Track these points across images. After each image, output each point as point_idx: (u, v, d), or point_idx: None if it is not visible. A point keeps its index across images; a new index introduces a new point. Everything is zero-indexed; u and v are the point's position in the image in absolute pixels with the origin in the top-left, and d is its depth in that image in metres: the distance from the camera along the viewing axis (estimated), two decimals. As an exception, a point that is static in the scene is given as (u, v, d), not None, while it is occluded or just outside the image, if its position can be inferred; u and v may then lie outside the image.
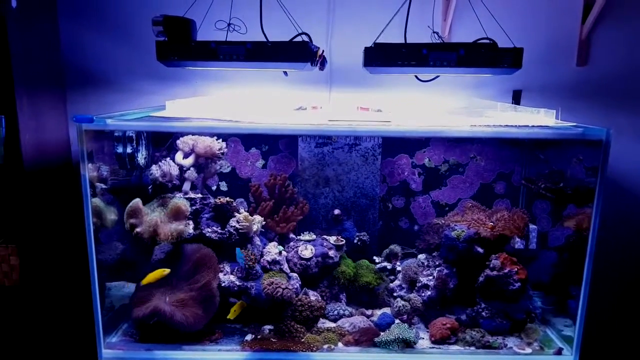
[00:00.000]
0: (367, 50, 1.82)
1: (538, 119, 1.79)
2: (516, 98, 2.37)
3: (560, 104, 2.38)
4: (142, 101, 2.35)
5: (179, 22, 1.90)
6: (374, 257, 2.16)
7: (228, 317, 1.79)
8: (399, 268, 2.10)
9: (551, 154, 2.14)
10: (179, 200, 1.88)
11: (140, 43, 2.25)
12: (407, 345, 1.80)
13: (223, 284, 1.85)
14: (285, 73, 2.13)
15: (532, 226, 2.11)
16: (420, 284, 1.97)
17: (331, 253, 2.03)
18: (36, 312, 2.09)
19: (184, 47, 1.85)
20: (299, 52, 1.80)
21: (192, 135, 2.03)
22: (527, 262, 2.12)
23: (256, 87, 2.32)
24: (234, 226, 1.92)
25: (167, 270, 1.78)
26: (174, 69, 2.23)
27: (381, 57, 1.81)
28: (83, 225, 1.70)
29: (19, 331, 2.04)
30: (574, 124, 1.70)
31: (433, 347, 1.82)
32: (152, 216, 1.83)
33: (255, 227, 1.95)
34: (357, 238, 2.17)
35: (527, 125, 1.65)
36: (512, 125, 1.67)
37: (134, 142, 1.96)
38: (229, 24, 2.03)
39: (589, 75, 2.32)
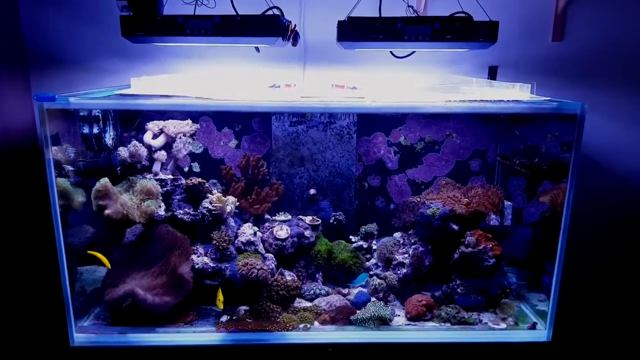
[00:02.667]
0: (340, 25, 1.77)
1: (513, 94, 1.78)
2: (492, 74, 2.36)
3: (536, 80, 2.36)
4: (110, 80, 2.26)
5: (144, -4, 1.82)
6: (350, 237, 2.15)
7: (218, 307, 1.76)
8: (375, 247, 2.10)
9: (526, 130, 2.15)
10: (148, 182, 1.83)
11: (106, 20, 2.15)
12: (383, 322, 1.80)
13: (197, 266, 1.81)
14: (257, 49, 2.07)
15: (507, 203, 2.12)
16: (396, 262, 1.97)
17: (307, 233, 2.01)
18: (6, 299, 2.03)
19: (149, 22, 1.77)
20: (270, 26, 1.74)
21: (160, 113, 1.97)
22: (503, 239, 2.13)
23: (228, 65, 2.26)
24: (207, 207, 1.88)
25: (108, 265, 1.75)
26: (142, 47, 2.16)
27: (355, 31, 1.77)
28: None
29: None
30: (549, 98, 1.69)
31: (409, 324, 1.83)
32: (122, 198, 1.78)
33: (229, 208, 1.91)
34: (333, 218, 2.15)
35: (502, 100, 1.64)
36: (487, 100, 1.65)
37: (101, 122, 1.89)
38: (196, -1, 1.95)
39: (564, 50, 2.32)
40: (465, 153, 2.28)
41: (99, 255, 1.74)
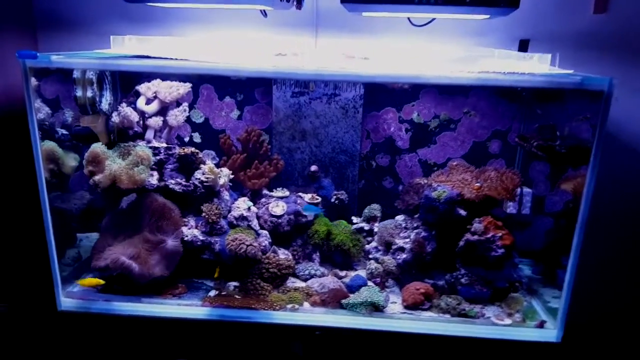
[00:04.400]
0: (344, -15, 1.63)
1: (531, 66, 1.59)
2: (523, 48, 2.14)
3: (575, 56, 2.15)
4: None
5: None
6: (352, 217, 2.04)
7: (214, 276, 1.74)
8: (377, 229, 1.97)
9: (553, 109, 1.94)
10: (139, 149, 1.77)
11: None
12: (375, 309, 1.69)
13: (186, 238, 1.76)
14: (264, 13, 1.95)
15: (526, 189, 1.94)
16: (395, 247, 1.85)
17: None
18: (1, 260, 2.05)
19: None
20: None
21: (154, 79, 1.89)
22: (519, 228, 1.97)
23: (235, 30, 2.14)
24: (199, 178, 1.81)
25: (102, 282, 1.73)
26: (151, 11, 2.08)
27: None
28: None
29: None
30: (571, 71, 1.49)
31: (404, 313, 1.71)
32: (111, 164, 1.73)
33: (222, 181, 1.84)
34: (335, 196, 2.04)
35: (516, 72, 1.46)
36: (497, 72, 1.47)
37: (95, 85, 1.83)
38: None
39: (607, 24, 2.06)
40: (484, 133, 2.10)
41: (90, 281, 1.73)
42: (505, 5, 1.58)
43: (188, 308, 1.69)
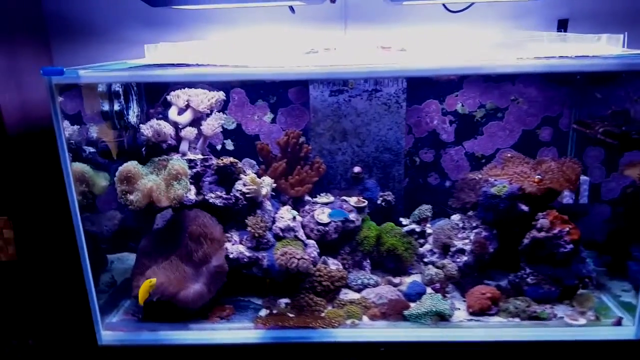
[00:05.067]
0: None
1: (599, 48, 1.46)
2: (562, 28, 2.02)
3: (613, 33, 2.03)
4: (136, 51, 2.08)
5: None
6: (401, 219, 1.92)
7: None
8: (429, 230, 1.86)
9: (608, 92, 1.81)
10: (175, 163, 1.65)
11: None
12: (441, 318, 1.58)
13: (231, 255, 1.64)
14: (292, 9, 1.83)
15: (583, 177, 1.82)
16: (454, 249, 1.73)
17: (352, 216, 1.79)
18: (35, 289, 1.94)
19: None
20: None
21: (184, 87, 1.77)
22: (577, 219, 1.85)
23: (260, 30, 2.01)
24: (241, 190, 1.69)
25: (154, 280, 1.55)
26: (168, 15, 1.95)
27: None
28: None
29: (16, 309, 1.90)
30: (647, 51, 1.37)
31: (471, 320, 1.60)
32: (146, 182, 1.61)
33: (264, 191, 1.72)
34: (381, 198, 1.92)
35: (587, 56, 1.33)
36: (567, 57, 1.35)
37: (122, 97, 1.71)
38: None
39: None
40: (533, 121, 1.97)
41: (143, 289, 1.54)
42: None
43: (240, 332, 1.58)
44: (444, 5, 1.83)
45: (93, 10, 2.06)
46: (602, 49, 1.43)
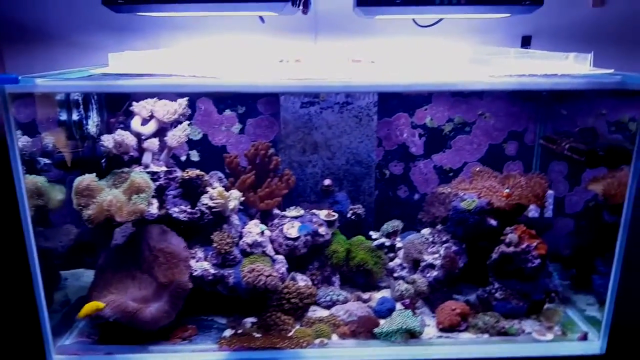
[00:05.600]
0: (360, -14, 1.49)
1: (567, 66, 1.49)
2: (526, 44, 2.07)
3: (575, 50, 2.09)
4: (97, 57, 1.98)
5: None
6: (371, 232, 1.90)
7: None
8: (399, 245, 1.84)
9: (573, 108, 1.86)
10: (137, 176, 1.57)
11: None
12: (411, 335, 1.56)
13: (195, 273, 1.57)
14: (262, 19, 1.79)
15: (548, 192, 1.85)
16: (424, 264, 1.72)
17: (321, 230, 1.76)
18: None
19: (132, -14, 1.50)
20: (276, -11, 1.46)
21: (148, 98, 1.70)
22: (543, 233, 1.88)
23: (230, 38, 1.96)
24: (207, 204, 1.62)
25: (102, 305, 1.47)
26: (133, 20, 1.87)
27: (376, -7, 1.48)
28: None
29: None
30: (611, 71, 1.40)
31: (441, 336, 1.58)
32: (105, 195, 1.53)
33: (232, 205, 1.66)
34: (351, 211, 1.89)
35: (556, 74, 1.35)
36: (537, 75, 1.36)
37: (81, 107, 1.63)
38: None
39: (606, 16, 2.02)
40: (499, 135, 2.00)
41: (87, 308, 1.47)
42: (530, 3, 1.48)
43: (202, 354, 1.50)
44: (413, 20, 1.84)
45: (52, 15, 1.96)
46: (570, 67, 1.45)
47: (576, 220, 2.05)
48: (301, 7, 1.66)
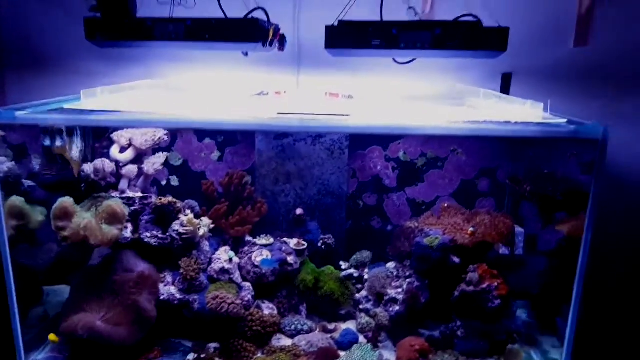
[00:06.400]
0: (329, 30, 1.56)
1: (524, 112, 1.53)
2: (506, 82, 2.09)
3: (556, 89, 2.12)
4: (92, 83, 2.08)
5: (114, -6, 1.64)
6: (340, 263, 1.94)
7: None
8: (366, 276, 1.88)
9: (541, 151, 1.89)
10: (113, 202, 1.65)
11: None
12: (368, 369, 1.59)
13: (162, 297, 1.64)
14: (245, 53, 1.87)
15: (518, 229, 1.88)
16: (387, 297, 1.75)
17: (290, 259, 1.81)
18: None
19: (115, 26, 1.60)
20: (248, 31, 1.54)
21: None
22: (513, 270, 1.89)
23: (215, 68, 2.06)
24: (177, 230, 1.69)
25: (57, 339, 1.60)
26: (126, 49, 1.98)
27: (345, 37, 1.55)
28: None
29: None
30: (565, 120, 1.43)
31: (399, 372, 1.61)
32: (82, 219, 1.60)
33: (202, 232, 1.73)
34: (322, 241, 1.94)
35: (509, 122, 1.39)
36: (492, 122, 1.41)
37: (65, 133, 1.72)
38: (172, -3, 1.76)
39: (588, 56, 2.04)
40: (471, 171, 2.03)
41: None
42: (493, 48, 1.53)
43: (166, 376, 1.56)
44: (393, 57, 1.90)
45: (52, 40, 2.08)
46: (526, 112, 1.49)
47: (549, 258, 2.06)
48: (276, 46, 1.73)
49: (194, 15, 1.70)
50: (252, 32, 1.53)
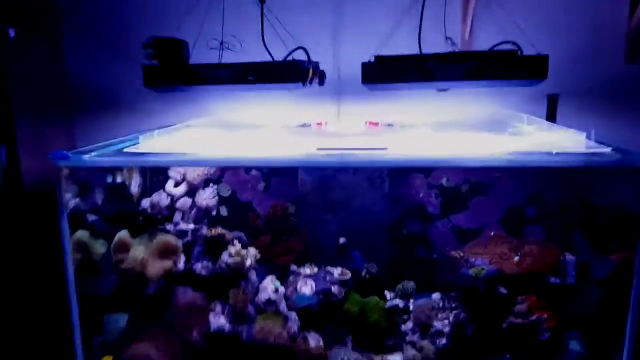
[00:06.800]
0: (365, 66, 1.61)
1: (567, 138, 1.50)
2: (552, 103, 2.05)
3: (606, 108, 2.05)
4: (153, 122, 2.26)
5: (169, 43, 1.79)
6: (385, 292, 1.94)
7: None
8: (412, 307, 1.87)
9: (588, 178, 1.82)
10: (166, 235, 1.76)
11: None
12: (415, 402, 1.58)
13: (212, 327, 1.71)
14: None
15: (569, 257, 1.80)
16: (433, 330, 1.74)
17: (334, 289, 1.84)
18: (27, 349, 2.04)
19: (170, 73, 1.74)
20: (288, 73, 1.63)
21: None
22: (564, 299, 1.82)
23: (262, 104, 2.17)
24: (226, 261, 1.78)
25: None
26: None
27: (381, 72, 1.60)
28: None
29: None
30: (609, 148, 1.39)
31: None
32: (138, 252, 1.73)
33: (249, 262, 1.80)
34: (365, 270, 1.96)
35: (550, 153, 1.37)
36: (531, 153, 1.39)
37: (124, 170, 1.86)
38: (221, 43, 1.89)
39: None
40: (518, 197, 1.99)
41: None
42: (532, 77, 1.52)
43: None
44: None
45: (115, 83, 2.28)
46: (569, 139, 1.46)
47: (601, 288, 1.96)
48: (316, 82, 1.80)
49: (241, 57, 1.82)
50: (292, 73, 1.61)
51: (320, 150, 1.49)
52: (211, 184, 1.96)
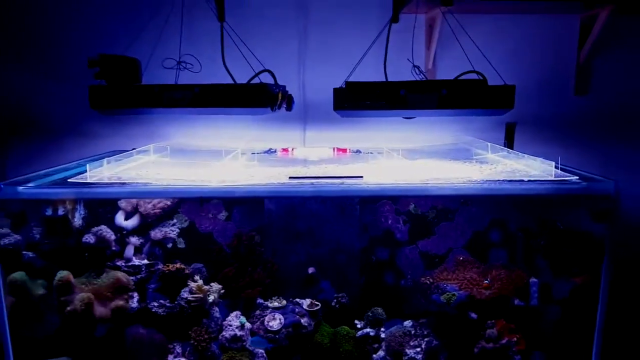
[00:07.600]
0: (337, 92, 1.57)
1: (535, 167, 1.54)
2: (509, 131, 2.13)
3: (558, 137, 2.15)
4: (100, 147, 2.08)
5: (119, 61, 1.65)
6: (355, 321, 1.88)
7: None
8: (383, 335, 1.82)
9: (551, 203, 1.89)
10: (117, 272, 1.60)
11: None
12: None
13: (173, 370, 1.56)
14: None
15: (532, 280, 1.84)
16: (406, 358, 1.69)
17: (304, 321, 1.75)
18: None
19: (121, 93, 1.59)
20: (256, 97, 1.55)
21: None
22: (529, 321, 1.86)
23: (223, 127, 2.06)
24: (186, 298, 1.64)
25: None
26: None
27: (353, 99, 1.56)
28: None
29: None
30: (576, 177, 1.43)
31: None
32: (84, 294, 1.55)
33: (211, 298, 1.67)
34: (335, 300, 1.89)
35: (522, 180, 1.39)
36: (503, 181, 1.41)
37: (67, 202, 1.68)
38: (178, 62, 1.78)
39: (589, 104, 2.09)
40: (482, 222, 2.02)
41: None
42: (500, 107, 1.55)
43: None
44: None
45: (52, 107, 2.08)
46: (537, 167, 1.49)
47: (563, 307, 2.02)
48: (284, 106, 1.74)
49: (200, 78, 1.72)
50: (260, 97, 1.54)
51: (292, 179, 1.42)
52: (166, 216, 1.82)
